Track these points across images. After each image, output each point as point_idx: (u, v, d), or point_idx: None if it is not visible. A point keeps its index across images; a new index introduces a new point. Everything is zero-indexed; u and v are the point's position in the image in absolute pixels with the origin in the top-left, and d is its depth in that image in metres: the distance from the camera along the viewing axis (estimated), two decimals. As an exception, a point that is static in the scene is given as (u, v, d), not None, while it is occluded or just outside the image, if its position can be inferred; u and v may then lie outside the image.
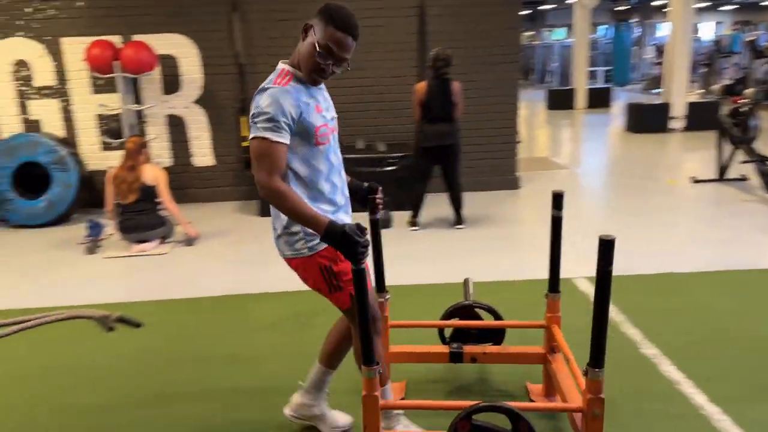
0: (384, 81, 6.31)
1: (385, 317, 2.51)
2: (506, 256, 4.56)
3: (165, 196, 4.90)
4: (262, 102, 1.88)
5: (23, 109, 6.12)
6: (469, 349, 2.56)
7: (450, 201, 5.26)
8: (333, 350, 2.29)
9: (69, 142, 6.11)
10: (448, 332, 2.77)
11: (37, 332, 3.45)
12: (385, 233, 5.12)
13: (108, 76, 5.80)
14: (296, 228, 2.00)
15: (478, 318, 2.75)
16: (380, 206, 2.32)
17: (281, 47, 6.09)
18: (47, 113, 6.16)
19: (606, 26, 24.85)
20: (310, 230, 1.90)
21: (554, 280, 2.43)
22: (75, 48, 5.98)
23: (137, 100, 6.13)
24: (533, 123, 12.94)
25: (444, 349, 2.60)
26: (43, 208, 5.69)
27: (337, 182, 2.09)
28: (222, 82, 6.23)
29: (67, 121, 6.20)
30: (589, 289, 3.78)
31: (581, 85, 14.38)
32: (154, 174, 4.88)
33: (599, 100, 14.38)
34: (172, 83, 6.22)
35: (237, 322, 3.57)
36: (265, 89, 1.91)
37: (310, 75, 1.95)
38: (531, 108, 15.28)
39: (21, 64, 6.03)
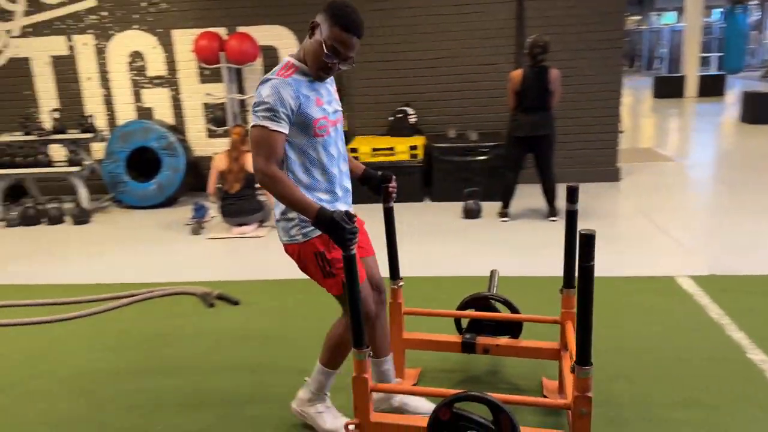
0: (479, 69, 6.22)
1: (398, 304, 2.55)
2: (601, 252, 4.37)
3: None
4: (263, 92, 1.95)
5: (137, 97, 6.57)
6: (482, 340, 2.54)
7: (543, 192, 5.13)
8: (330, 351, 2.27)
9: (178, 129, 6.50)
10: (465, 323, 2.69)
11: (145, 305, 3.76)
12: (473, 223, 5.19)
13: (214, 66, 6.10)
14: (292, 215, 2.07)
15: (496, 310, 2.68)
16: (393, 195, 2.37)
17: (376, 36, 6.21)
18: (159, 101, 6.57)
19: (721, 9, 23.10)
20: (305, 217, 1.96)
21: (569, 276, 2.36)
22: (184, 39, 6.34)
23: (240, 90, 6.41)
24: (638, 112, 12.30)
25: (457, 338, 2.58)
26: (153, 191, 6.11)
27: (335, 173, 2.13)
28: (318, 71, 6.38)
29: (176, 109, 6.59)
30: (693, 289, 3.57)
31: (692, 72, 13.49)
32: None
33: (712, 87, 13.44)
34: (271, 73, 6.44)
35: (324, 303, 3.68)
36: (267, 80, 1.98)
37: (317, 72, 2.02)
38: (636, 96, 14.53)
39: (136, 56, 6.47)
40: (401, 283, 2.57)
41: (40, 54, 6.48)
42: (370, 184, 2.37)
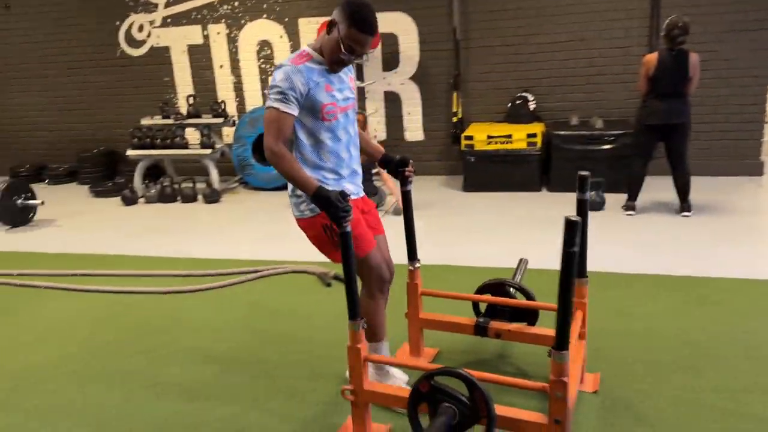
0: (607, 52, 5.89)
1: (415, 284, 2.66)
2: (740, 251, 4.01)
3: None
4: (277, 77, 2.13)
5: (264, 84, 6.88)
6: (495, 324, 2.58)
7: (675, 185, 4.77)
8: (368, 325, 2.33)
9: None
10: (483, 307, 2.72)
11: (270, 280, 3.95)
12: (595, 215, 4.93)
13: (335, 53, 6.24)
14: (301, 191, 2.21)
15: (528, 293, 2.67)
16: (410, 179, 2.51)
17: (499, 20, 6.06)
18: (283, 88, 6.84)
19: None
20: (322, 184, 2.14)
21: (581, 266, 2.35)
22: (309, 28, 6.54)
23: (360, 77, 6.53)
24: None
25: (471, 321, 2.63)
26: (276, 174, 6.33)
27: (343, 155, 2.30)
28: (437, 58, 6.35)
29: (298, 95, 6.83)
30: None
31: None
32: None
33: None
34: (391, 60, 6.50)
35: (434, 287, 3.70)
36: (281, 66, 2.14)
37: (332, 65, 2.19)
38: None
39: (264, 44, 6.77)
40: (417, 265, 2.66)
41: (178, 43, 6.97)
42: (389, 167, 2.52)
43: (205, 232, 5.19)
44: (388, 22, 6.31)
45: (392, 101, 6.62)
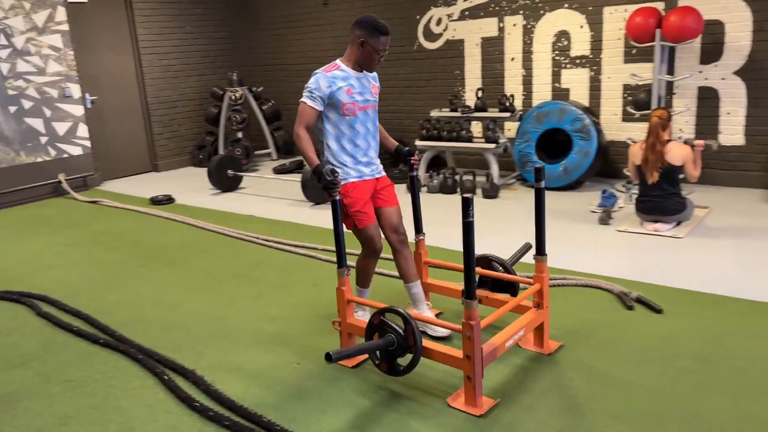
0: None
1: (419, 254, 3.25)
2: None
3: (692, 174, 4.49)
4: (311, 80, 2.87)
5: (556, 77, 6.51)
6: (478, 292, 2.73)
7: None
8: (357, 275, 3.13)
9: (592, 111, 6.22)
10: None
11: (557, 292, 3.59)
12: None
13: (645, 45, 5.59)
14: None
15: (506, 268, 3.16)
16: (415, 166, 3.18)
17: None
18: (577, 82, 6.40)
19: None
20: (339, 168, 2.89)
21: (540, 245, 2.80)
22: (615, 17, 5.97)
23: (670, 71, 5.75)
24: None
25: (459, 287, 3.06)
26: (559, 173, 6.00)
27: (360, 144, 2.93)
28: (775, 49, 5.28)
29: (593, 90, 6.32)
30: None
31: None
32: (681, 153, 4.47)
33: None
34: (711, 52, 5.59)
35: (736, 329, 2.99)
36: (316, 73, 2.89)
37: (370, 69, 2.99)
38: None
39: (561, 35, 6.39)
40: (422, 237, 3.27)
41: (472, 36, 6.97)
42: (400, 157, 3.18)
43: (482, 227, 5.06)
44: (716, 7, 5.42)
45: (707, 99, 5.71)
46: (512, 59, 6.75)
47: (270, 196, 6.67)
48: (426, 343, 2.56)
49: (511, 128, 6.73)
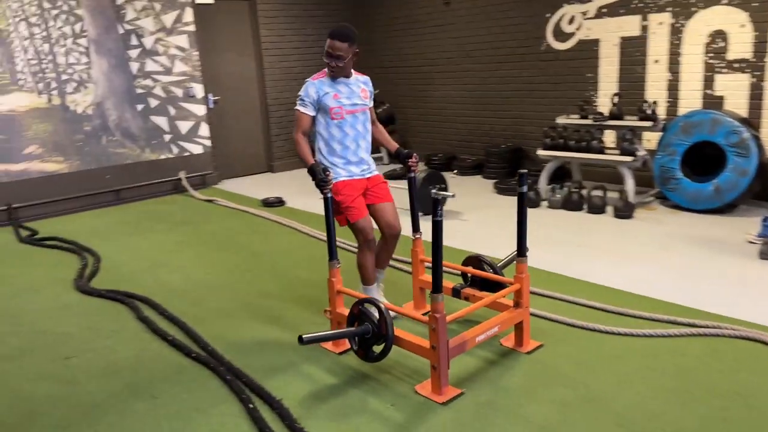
0: None
1: (416, 252, 3.41)
2: None
3: None
4: (302, 88, 3.19)
5: (708, 83, 5.68)
6: (465, 290, 3.21)
7: None
8: (359, 272, 3.35)
9: (751, 123, 5.35)
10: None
11: (709, 342, 2.84)
12: None
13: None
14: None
15: (489, 268, 3.24)
16: (413, 168, 3.32)
17: None
18: (733, 89, 5.53)
19: None
20: (330, 168, 3.14)
21: (521, 247, 2.91)
22: (787, 13, 5.08)
23: None
24: None
25: (450, 285, 3.27)
26: (709, 193, 5.20)
27: (350, 145, 3.18)
28: None
29: (753, 99, 5.43)
30: None
31: None
32: None
33: None
34: None
35: None
36: (306, 81, 3.19)
37: (330, 73, 3.19)
38: None
39: (717, 35, 5.56)
40: (418, 235, 3.40)
41: (609, 35, 6.28)
42: (399, 158, 3.35)
43: (611, 253, 4.44)
44: None
45: None
46: (656, 61, 5.99)
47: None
48: (398, 332, 2.74)
49: (651, 139, 5.98)
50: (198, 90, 7.51)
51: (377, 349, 2.76)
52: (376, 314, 2.72)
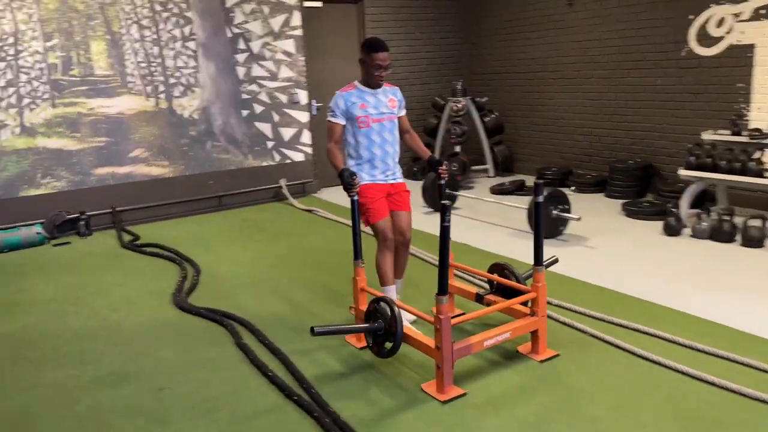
0: None
1: None
2: None
3: None
4: (331, 101, 3.40)
5: None
6: (488, 297, 3.32)
7: None
8: (378, 273, 3.45)
9: None
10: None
11: None
12: None
13: None
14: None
15: (512, 276, 3.29)
16: (443, 175, 3.40)
17: None
18: None
19: None
20: (356, 172, 3.30)
21: (538, 256, 2.98)
22: None
23: None
24: None
25: (474, 290, 3.46)
26: None
27: (376, 152, 3.36)
28: None
29: None
30: None
31: None
32: None
33: None
34: None
35: None
36: (336, 93, 3.41)
37: (375, 85, 3.39)
38: None
39: None
40: None
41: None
42: (431, 166, 3.48)
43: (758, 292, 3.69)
44: None
45: None
46: (829, 70, 5.08)
47: (487, 222, 5.85)
48: (407, 331, 2.87)
49: (815, 161, 5.07)
50: (302, 96, 7.28)
51: (388, 345, 2.87)
52: (389, 312, 2.84)
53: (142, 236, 5.83)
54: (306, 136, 7.38)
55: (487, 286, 3.53)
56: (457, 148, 7.64)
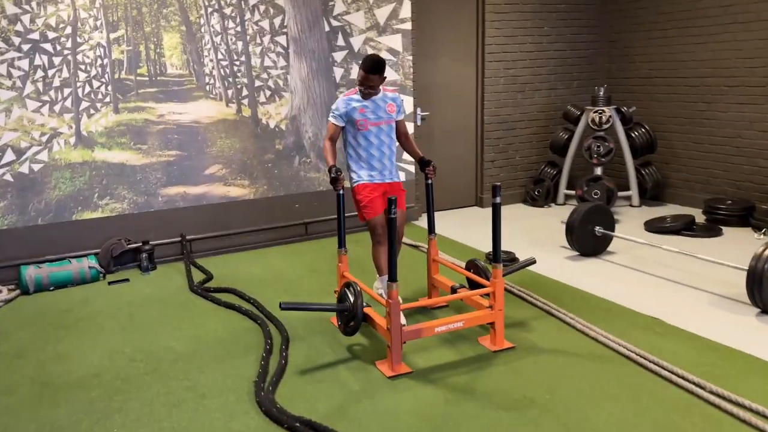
0: None
1: (429, 251, 3.86)
2: None
3: None
4: (333, 103, 3.67)
5: None
6: (460, 290, 3.61)
7: None
8: (374, 264, 3.82)
9: None
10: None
11: None
12: None
13: None
14: (351, 172, 3.71)
15: (484, 272, 3.58)
16: (430, 175, 3.74)
17: None
18: None
19: None
20: (355, 172, 3.68)
21: (496, 254, 3.22)
22: None
23: None
24: None
25: (450, 283, 3.72)
26: None
27: (374, 153, 3.63)
28: None
29: None
30: None
31: None
32: None
33: None
34: None
35: None
36: (339, 96, 3.76)
37: (363, 95, 3.59)
38: None
39: None
40: (433, 236, 3.82)
41: None
42: (421, 166, 3.77)
43: None
44: None
45: None
46: None
47: (667, 279, 4.35)
48: (368, 311, 3.21)
49: None
50: (407, 103, 6.00)
51: (352, 324, 3.20)
52: (353, 296, 3.19)
53: (216, 274, 4.70)
54: (410, 152, 6.09)
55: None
56: (598, 170, 6.14)
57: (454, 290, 3.65)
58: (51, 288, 4.48)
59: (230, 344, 3.47)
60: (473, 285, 3.64)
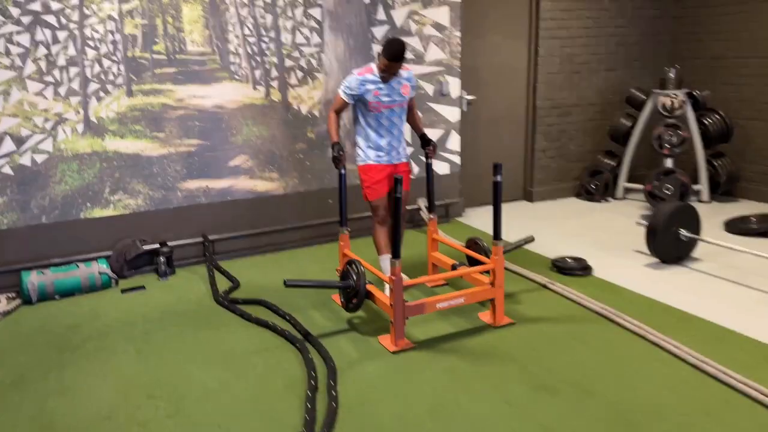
0: None
1: (429, 230, 3.91)
2: None
3: None
4: (347, 78, 3.51)
5: None
6: (460, 268, 3.66)
7: None
8: (374, 243, 3.75)
9: None
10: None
11: None
12: None
13: None
14: (358, 149, 3.66)
15: (485, 250, 3.63)
16: (430, 155, 3.76)
17: None
18: None
19: None
20: (363, 150, 3.63)
21: (497, 231, 3.31)
22: None
23: None
24: None
25: (451, 261, 3.77)
26: None
27: (383, 134, 3.57)
28: None
29: None
30: None
31: None
32: None
33: None
34: None
35: None
36: (352, 73, 3.52)
37: (382, 78, 3.45)
38: None
39: None
40: (433, 216, 3.90)
41: None
42: (422, 143, 3.77)
43: None
44: None
45: None
46: None
47: (757, 289, 3.72)
48: (370, 288, 3.25)
49: None
50: (453, 86, 5.34)
51: (355, 301, 3.27)
52: (356, 273, 3.24)
53: (242, 280, 4.13)
54: (454, 141, 5.46)
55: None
56: (669, 162, 5.46)
57: (455, 267, 3.70)
58: (56, 297, 3.93)
59: (267, 376, 2.89)
60: (473, 264, 3.71)
